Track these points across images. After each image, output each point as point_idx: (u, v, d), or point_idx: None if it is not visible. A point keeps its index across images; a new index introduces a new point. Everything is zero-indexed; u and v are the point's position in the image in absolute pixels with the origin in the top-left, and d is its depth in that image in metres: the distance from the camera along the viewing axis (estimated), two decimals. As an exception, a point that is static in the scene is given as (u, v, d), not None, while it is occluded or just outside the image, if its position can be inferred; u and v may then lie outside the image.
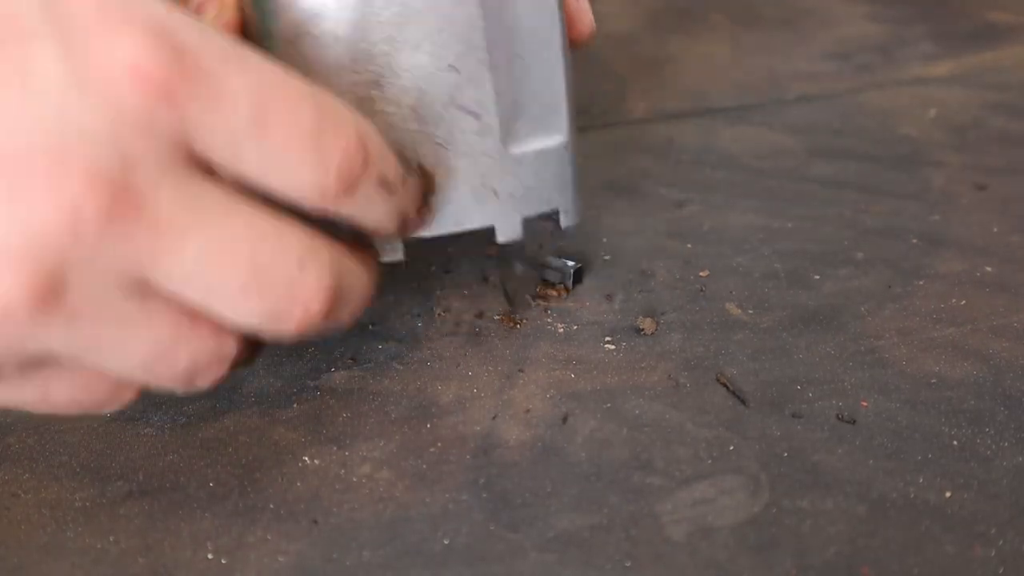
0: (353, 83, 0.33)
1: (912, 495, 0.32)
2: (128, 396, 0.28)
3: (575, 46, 0.40)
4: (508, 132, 0.35)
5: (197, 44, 0.24)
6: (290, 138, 0.25)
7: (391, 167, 0.29)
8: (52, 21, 0.23)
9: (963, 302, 0.43)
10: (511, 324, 0.42)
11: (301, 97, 0.26)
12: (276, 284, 0.26)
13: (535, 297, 0.44)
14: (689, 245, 0.48)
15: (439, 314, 0.43)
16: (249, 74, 0.25)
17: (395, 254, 0.35)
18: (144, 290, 0.25)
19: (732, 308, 0.43)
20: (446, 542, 0.31)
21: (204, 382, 0.28)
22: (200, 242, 0.24)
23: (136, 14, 0.24)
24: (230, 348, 0.27)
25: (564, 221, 0.38)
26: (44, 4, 0.23)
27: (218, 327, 0.27)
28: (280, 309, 0.26)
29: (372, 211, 0.29)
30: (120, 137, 0.23)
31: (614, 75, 0.72)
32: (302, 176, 0.26)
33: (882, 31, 0.82)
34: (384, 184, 0.29)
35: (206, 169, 0.25)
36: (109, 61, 0.23)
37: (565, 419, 0.36)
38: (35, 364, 0.25)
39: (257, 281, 0.25)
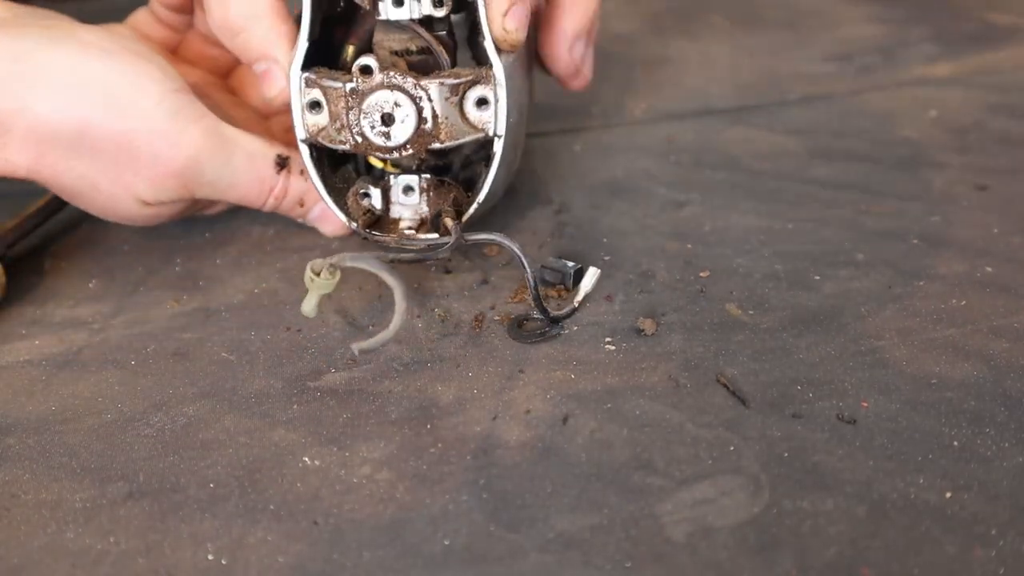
0: None
1: (912, 496, 0.32)
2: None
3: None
4: None
5: None
6: None
7: None
8: None
9: (963, 302, 0.43)
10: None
11: None
12: None
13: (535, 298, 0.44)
14: (689, 246, 0.48)
15: (439, 315, 0.43)
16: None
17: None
18: None
19: (732, 309, 0.43)
20: (446, 543, 0.31)
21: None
22: None
23: None
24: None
25: None
26: None
27: None
28: None
29: None
30: None
31: (614, 75, 0.72)
32: None
33: (883, 32, 0.82)
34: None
35: None
36: None
37: (565, 420, 0.36)
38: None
39: None
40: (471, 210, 0.42)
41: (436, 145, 0.40)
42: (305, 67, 0.41)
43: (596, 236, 0.49)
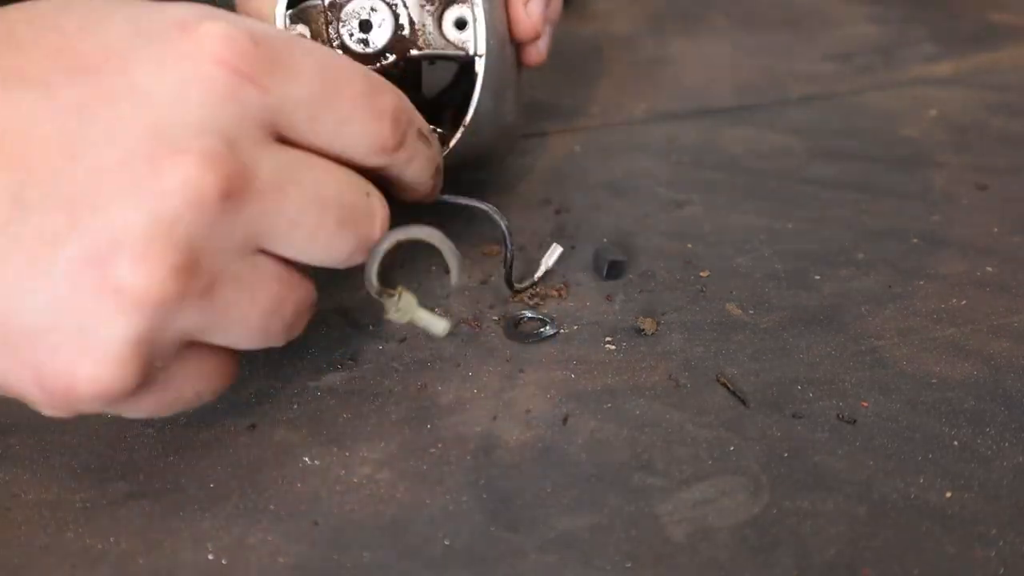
0: None
1: (912, 495, 0.32)
2: (234, 372, 0.32)
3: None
4: None
5: (266, 33, 0.29)
6: (353, 99, 0.30)
7: (423, 122, 0.34)
8: (142, 44, 0.27)
9: (963, 302, 0.43)
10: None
11: (352, 67, 0.31)
12: (359, 213, 0.31)
13: (532, 296, 0.44)
14: (689, 245, 0.48)
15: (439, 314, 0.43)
16: (311, 53, 0.30)
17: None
18: (255, 251, 0.29)
19: (733, 308, 0.43)
20: (446, 543, 0.31)
21: (300, 328, 0.32)
22: (299, 194, 0.29)
23: (211, 20, 0.28)
24: (314, 292, 0.32)
25: None
26: (133, 29, 0.28)
27: (303, 275, 0.31)
28: (365, 233, 0.31)
29: (417, 161, 0.34)
30: (219, 122, 0.27)
31: (614, 75, 0.72)
32: (365, 131, 0.31)
33: (883, 32, 0.82)
34: (422, 136, 0.34)
35: (285, 142, 0.30)
36: (197, 59, 0.27)
37: (565, 419, 0.36)
38: (173, 354, 0.28)
39: (349, 214, 0.30)
40: (457, 135, 0.41)
41: (416, 52, 0.41)
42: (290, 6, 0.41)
43: (596, 236, 0.49)
